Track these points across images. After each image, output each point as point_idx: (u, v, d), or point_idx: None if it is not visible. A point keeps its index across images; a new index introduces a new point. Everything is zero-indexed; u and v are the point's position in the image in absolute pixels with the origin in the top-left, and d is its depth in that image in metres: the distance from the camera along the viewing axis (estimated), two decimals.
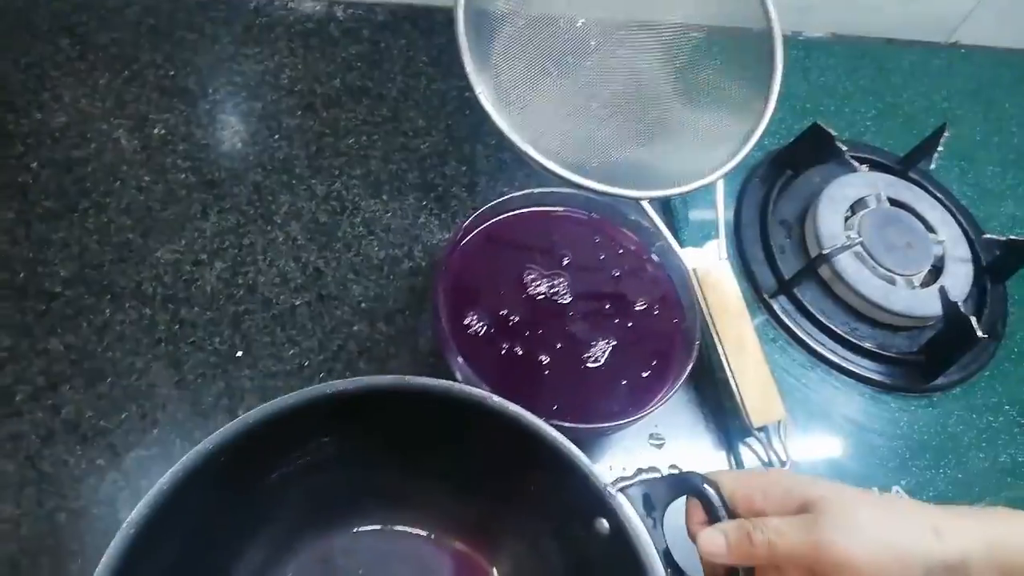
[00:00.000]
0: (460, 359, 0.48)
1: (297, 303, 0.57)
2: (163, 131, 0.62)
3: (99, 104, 0.62)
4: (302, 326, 0.56)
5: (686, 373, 0.51)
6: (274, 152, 0.63)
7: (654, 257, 0.57)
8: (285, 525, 0.45)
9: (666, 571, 0.38)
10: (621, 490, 0.39)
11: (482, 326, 0.51)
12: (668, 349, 0.53)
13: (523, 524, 0.46)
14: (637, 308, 0.54)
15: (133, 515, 0.35)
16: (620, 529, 0.39)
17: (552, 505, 0.43)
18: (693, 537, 0.40)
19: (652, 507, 0.39)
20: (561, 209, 0.57)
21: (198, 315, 0.55)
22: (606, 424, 0.49)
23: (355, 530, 0.48)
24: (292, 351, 0.55)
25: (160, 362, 0.53)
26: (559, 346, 0.52)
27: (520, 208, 0.56)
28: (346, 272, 0.59)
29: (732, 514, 0.39)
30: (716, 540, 0.38)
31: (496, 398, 0.41)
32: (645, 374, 0.52)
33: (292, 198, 0.61)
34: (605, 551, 0.40)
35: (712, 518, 0.39)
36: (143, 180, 0.59)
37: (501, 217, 0.55)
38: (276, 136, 0.64)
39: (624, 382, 0.51)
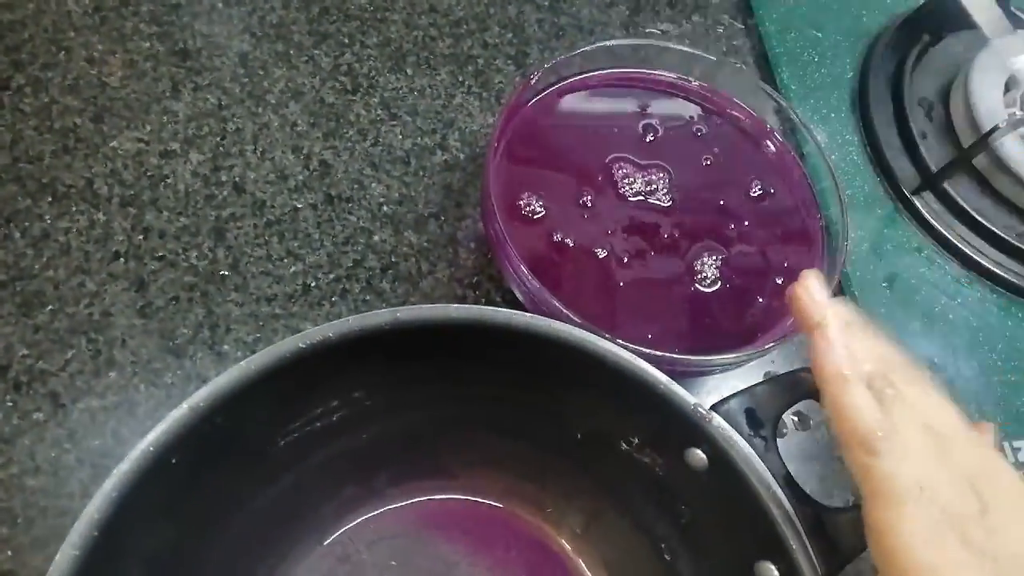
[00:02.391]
0: (527, 273, 0.34)
1: (299, 206, 0.43)
2: None
3: None
4: (306, 236, 0.43)
5: (832, 288, 0.37)
6: (265, 15, 0.49)
7: (777, 136, 0.42)
8: (295, 509, 0.33)
9: (789, 502, 0.28)
10: (714, 408, 0.29)
11: (553, 232, 0.37)
12: (802, 257, 0.39)
13: (589, 473, 0.36)
14: (758, 204, 0.40)
15: (89, 509, 0.23)
16: (722, 458, 0.29)
17: (622, 442, 0.33)
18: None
19: (759, 423, 0.30)
20: (650, 72, 0.42)
21: (168, 221, 0.42)
22: (719, 357, 0.36)
23: (387, 508, 0.36)
24: (293, 268, 0.42)
25: (118, 283, 0.40)
26: (656, 258, 0.38)
27: (598, 69, 0.41)
28: (361, 166, 0.45)
29: None
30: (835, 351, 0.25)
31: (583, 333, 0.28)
32: (775, 285, 0.38)
33: (289, 72, 0.47)
34: (704, 489, 0.30)
35: None
36: (95, 49, 0.45)
37: (574, 79, 0.40)
38: None
39: (749, 300, 0.38)
